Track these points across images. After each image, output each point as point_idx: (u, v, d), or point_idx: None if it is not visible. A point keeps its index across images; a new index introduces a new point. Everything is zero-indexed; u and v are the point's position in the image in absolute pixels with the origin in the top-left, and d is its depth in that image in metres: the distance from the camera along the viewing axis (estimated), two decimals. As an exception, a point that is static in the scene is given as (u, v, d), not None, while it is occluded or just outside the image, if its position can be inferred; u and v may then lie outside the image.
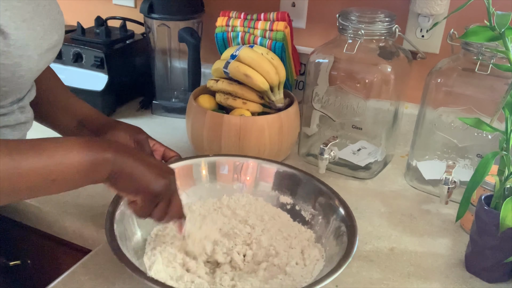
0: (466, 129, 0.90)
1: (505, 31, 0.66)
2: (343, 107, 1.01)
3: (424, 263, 0.79)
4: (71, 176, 0.60)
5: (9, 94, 0.68)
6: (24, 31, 0.64)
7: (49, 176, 0.58)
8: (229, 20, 1.09)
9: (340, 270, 0.64)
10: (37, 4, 0.68)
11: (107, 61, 1.19)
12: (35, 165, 0.57)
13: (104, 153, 0.61)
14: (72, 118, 0.86)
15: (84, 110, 0.87)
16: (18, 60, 0.64)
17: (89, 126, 0.85)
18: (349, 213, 0.75)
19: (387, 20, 0.96)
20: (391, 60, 0.98)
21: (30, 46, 0.65)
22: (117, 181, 0.63)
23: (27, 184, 0.57)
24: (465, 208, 0.73)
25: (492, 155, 0.70)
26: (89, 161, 0.60)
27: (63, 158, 0.59)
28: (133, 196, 0.65)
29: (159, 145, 0.87)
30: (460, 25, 0.87)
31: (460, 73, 0.90)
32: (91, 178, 0.61)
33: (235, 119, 0.96)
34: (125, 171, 0.62)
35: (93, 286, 0.70)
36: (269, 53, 1.01)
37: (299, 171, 0.86)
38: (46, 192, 0.61)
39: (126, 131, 0.83)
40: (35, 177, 0.57)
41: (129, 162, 0.63)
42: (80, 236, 0.85)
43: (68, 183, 0.61)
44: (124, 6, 1.43)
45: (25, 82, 0.69)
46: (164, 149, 0.87)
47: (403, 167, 1.06)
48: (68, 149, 0.60)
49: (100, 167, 0.61)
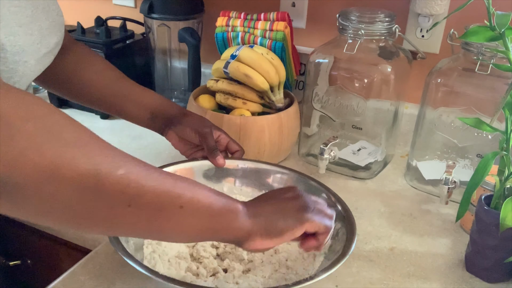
0: (466, 129, 0.90)
1: (505, 31, 0.66)
2: (343, 107, 1.01)
3: (424, 263, 0.79)
4: (202, 210, 0.54)
5: None
6: (20, 37, 0.62)
7: (177, 200, 0.52)
8: (229, 20, 1.09)
9: (343, 261, 0.65)
10: (35, 7, 0.66)
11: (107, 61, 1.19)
12: (164, 181, 0.52)
13: (235, 201, 0.59)
14: (145, 111, 0.88)
15: (155, 101, 0.89)
16: (13, 66, 0.62)
17: (161, 117, 0.88)
18: (346, 209, 0.76)
19: (387, 20, 0.96)
20: (391, 60, 0.98)
21: (27, 51, 0.63)
22: (269, 230, 0.59)
23: (152, 200, 0.51)
24: (465, 208, 0.73)
25: (492, 155, 0.70)
26: (221, 203, 0.56)
27: (193, 186, 0.55)
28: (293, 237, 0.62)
29: (224, 136, 0.88)
30: (460, 25, 0.87)
31: (460, 73, 0.90)
32: (225, 224, 0.57)
33: (235, 119, 0.96)
34: (269, 218, 0.59)
35: (93, 286, 0.70)
36: (269, 53, 1.01)
37: (293, 171, 0.86)
38: (170, 219, 0.53)
39: (193, 124, 0.86)
40: (162, 194, 0.51)
41: (265, 209, 0.60)
42: (80, 236, 0.85)
43: (197, 218, 0.55)
44: (124, 6, 1.42)
45: (20, 87, 0.67)
46: (229, 141, 0.88)
47: (403, 167, 1.06)
48: (197, 183, 0.57)
49: (233, 213, 0.57)
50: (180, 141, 0.88)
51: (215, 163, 0.84)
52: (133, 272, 0.71)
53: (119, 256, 0.71)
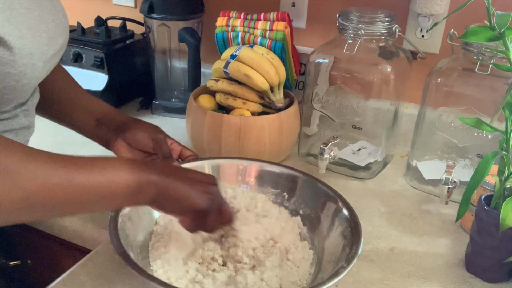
0: (466, 129, 0.90)
1: (505, 31, 0.66)
2: (343, 107, 1.01)
3: (424, 263, 0.79)
4: (118, 195, 0.59)
5: (12, 100, 0.67)
6: (29, 39, 0.62)
7: (99, 193, 0.58)
8: (229, 20, 1.09)
9: (346, 271, 0.64)
10: (42, 9, 0.66)
11: (107, 61, 1.19)
12: (88, 180, 0.57)
13: (149, 175, 0.61)
14: (91, 117, 0.85)
15: (102, 108, 0.87)
16: (23, 68, 0.62)
17: (108, 124, 0.85)
18: (353, 214, 0.75)
19: (387, 20, 0.96)
20: (391, 60, 0.98)
21: (35, 54, 0.64)
22: (162, 203, 0.63)
23: (79, 198, 0.57)
24: (465, 208, 0.73)
25: (492, 155, 0.70)
26: (136, 182, 0.59)
27: (113, 176, 0.59)
28: (181, 216, 0.66)
29: (177, 144, 0.87)
30: (460, 25, 0.87)
31: (460, 73, 0.90)
32: (136, 199, 0.61)
33: (235, 119, 0.96)
34: (169, 193, 0.62)
35: (93, 286, 0.70)
36: (269, 53, 1.01)
37: (301, 173, 0.85)
38: (93, 208, 0.61)
39: (145, 130, 0.83)
40: (87, 192, 0.57)
41: (172, 184, 0.63)
42: (80, 236, 0.85)
43: (114, 201, 0.61)
44: (124, 6, 1.43)
45: (29, 89, 0.68)
46: (181, 148, 0.87)
47: (403, 167, 1.06)
48: (117, 168, 0.60)
49: (145, 189, 0.60)
50: (130, 150, 0.84)
51: None
52: (133, 272, 0.71)
53: (119, 256, 0.71)
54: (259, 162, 0.87)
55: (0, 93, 0.63)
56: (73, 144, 0.99)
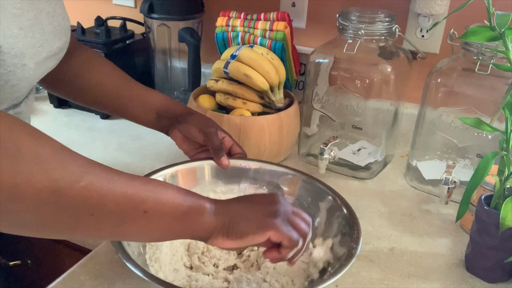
0: (466, 129, 0.90)
1: (505, 31, 0.66)
2: (343, 107, 1.01)
3: (424, 263, 0.79)
4: (166, 213, 0.54)
5: (2, 101, 0.66)
6: (20, 39, 0.61)
7: (141, 205, 0.52)
8: (229, 20, 1.09)
9: (344, 270, 0.64)
10: (39, 10, 0.65)
11: (107, 61, 1.19)
12: (127, 188, 0.52)
13: (202, 200, 0.58)
14: (151, 111, 0.89)
15: (160, 101, 0.90)
16: (12, 68, 0.61)
17: (166, 117, 0.88)
18: (352, 213, 0.75)
19: (387, 20, 0.96)
20: (391, 60, 0.98)
21: (26, 55, 0.62)
22: (230, 231, 0.57)
23: (116, 208, 0.51)
24: (465, 208, 0.73)
25: (492, 155, 0.70)
26: (187, 203, 0.55)
27: (158, 190, 0.54)
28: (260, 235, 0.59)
29: (228, 139, 0.87)
30: (460, 25, 0.87)
31: (460, 73, 0.90)
32: (189, 224, 0.56)
33: (235, 119, 0.96)
34: (234, 219, 0.58)
35: (93, 286, 0.70)
36: (269, 53, 1.01)
37: (299, 172, 0.85)
38: (134, 223, 0.53)
39: (197, 124, 0.85)
40: (126, 202, 0.51)
41: (232, 209, 0.59)
42: (80, 236, 0.85)
43: (162, 221, 0.54)
44: (124, 6, 1.43)
45: (20, 90, 0.67)
46: (232, 144, 0.87)
47: (403, 167, 1.06)
48: (164, 184, 0.56)
49: (198, 213, 0.56)
50: (184, 140, 0.88)
51: (220, 163, 0.83)
52: (133, 272, 0.71)
53: (119, 256, 0.71)
54: (258, 162, 0.87)
55: None
56: (74, 144, 0.99)
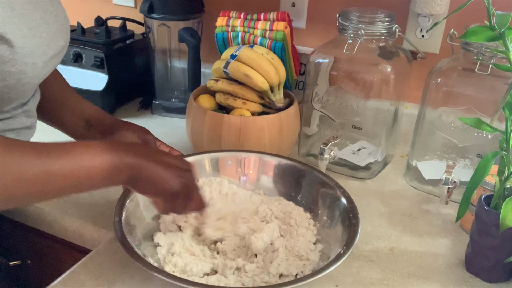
0: (466, 129, 0.90)
1: (505, 31, 0.66)
2: (343, 107, 1.01)
3: (424, 263, 0.79)
4: (95, 178, 0.62)
5: (13, 100, 0.69)
6: (30, 39, 0.64)
7: (76, 178, 0.61)
8: (229, 20, 1.09)
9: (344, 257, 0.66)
10: (44, 10, 0.68)
11: (107, 61, 1.19)
12: (64, 167, 0.59)
13: (126, 157, 0.64)
14: (80, 119, 0.87)
15: (91, 110, 0.88)
16: (23, 67, 0.64)
17: (96, 126, 0.87)
18: (351, 202, 0.77)
19: (387, 20, 0.96)
20: (391, 60, 0.98)
21: (35, 53, 0.65)
22: (137, 184, 0.66)
23: (56, 185, 0.60)
24: (465, 208, 0.73)
25: (492, 155, 0.70)
26: (112, 165, 0.62)
27: (90, 161, 0.61)
28: (153, 197, 0.69)
29: (164, 146, 0.89)
30: (460, 25, 0.87)
31: (460, 73, 0.90)
32: (113, 180, 0.64)
33: (235, 119, 0.96)
34: (144, 175, 0.65)
35: (93, 286, 0.70)
36: (269, 53, 1.01)
37: (298, 163, 0.88)
38: (72, 192, 0.65)
39: (134, 131, 0.85)
40: (64, 179, 0.60)
41: (148, 166, 0.65)
42: (80, 236, 0.85)
43: (92, 185, 0.63)
44: (124, 6, 1.42)
45: (29, 89, 0.69)
46: (169, 149, 0.88)
47: (403, 167, 1.06)
48: (94, 152, 0.62)
49: (121, 170, 0.63)
50: None
51: None
52: (133, 272, 0.71)
53: (119, 256, 0.71)
54: (258, 154, 0.89)
55: (1, 92, 0.64)
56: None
